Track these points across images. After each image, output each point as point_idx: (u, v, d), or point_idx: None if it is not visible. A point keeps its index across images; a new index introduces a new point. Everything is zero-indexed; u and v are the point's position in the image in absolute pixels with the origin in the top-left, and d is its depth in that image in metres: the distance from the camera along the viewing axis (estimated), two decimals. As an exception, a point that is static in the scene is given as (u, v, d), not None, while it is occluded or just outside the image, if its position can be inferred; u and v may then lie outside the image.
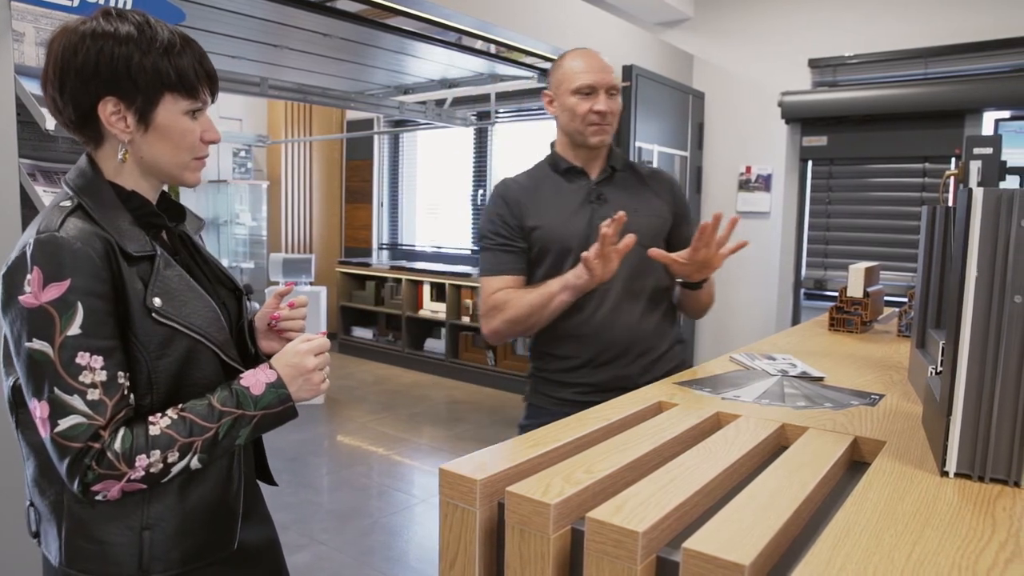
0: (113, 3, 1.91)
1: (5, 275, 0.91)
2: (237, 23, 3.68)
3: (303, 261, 5.45)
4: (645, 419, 1.08)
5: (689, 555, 0.63)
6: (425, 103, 5.66)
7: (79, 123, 0.97)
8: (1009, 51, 3.74)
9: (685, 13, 4.73)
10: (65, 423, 0.87)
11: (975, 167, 1.62)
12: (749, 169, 4.62)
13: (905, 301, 2.00)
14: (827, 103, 4.21)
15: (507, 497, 0.76)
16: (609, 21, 4.04)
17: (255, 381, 0.98)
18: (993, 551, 0.66)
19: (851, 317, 1.93)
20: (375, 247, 7.20)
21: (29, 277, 0.88)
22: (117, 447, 0.88)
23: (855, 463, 0.97)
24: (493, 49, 4.25)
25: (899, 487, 0.81)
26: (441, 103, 5.80)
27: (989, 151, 1.64)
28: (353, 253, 7.27)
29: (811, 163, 4.48)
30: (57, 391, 0.87)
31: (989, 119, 3.86)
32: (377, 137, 7.02)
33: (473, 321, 5.89)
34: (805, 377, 1.35)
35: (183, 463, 0.92)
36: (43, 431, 0.89)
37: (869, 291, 1.93)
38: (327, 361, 1.06)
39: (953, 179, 1.80)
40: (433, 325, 6.33)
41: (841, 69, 4.27)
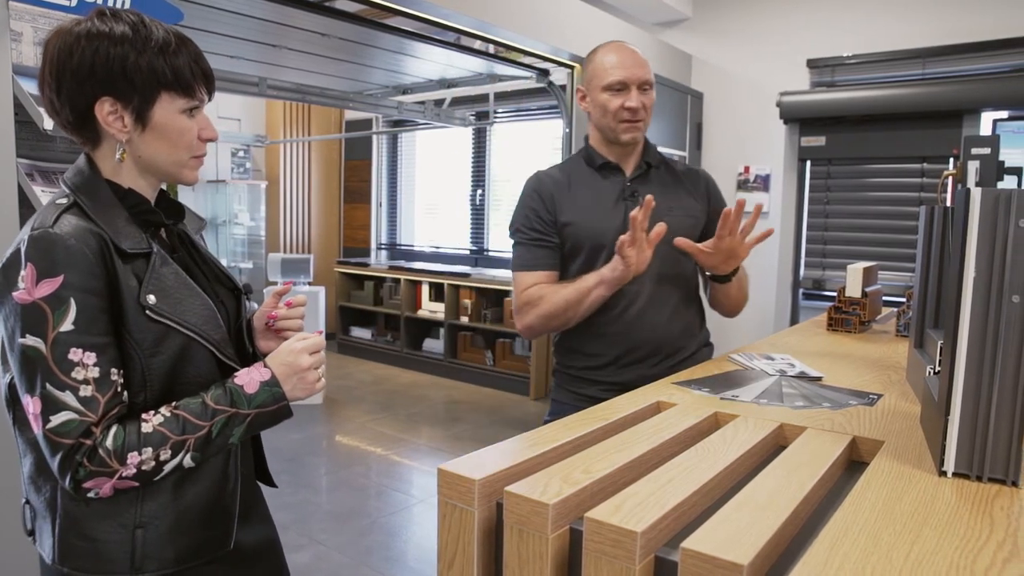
0: (111, 3, 1.91)
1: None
2: (236, 23, 3.68)
3: (301, 261, 5.45)
4: (643, 419, 1.08)
5: (687, 555, 0.63)
6: (424, 103, 5.67)
7: (76, 124, 0.97)
8: (1007, 51, 3.75)
9: (684, 13, 4.73)
10: (57, 419, 0.87)
11: (973, 167, 1.62)
12: (747, 169, 4.62)
13: (903, 301, 2.00)
14: (825, 103, 4.21)
15: (506, 497, 0.76)
16: (608, 21, 4.04)
17: (249, 380, 0.98)
18: (991, 551, 0.67)
19: (849, 317, 1.93)
20: (373, 247, 7.20)
21: (23, 273, 0.88)
22: (109, 444, 0.88)
23: (853, 463, 0.97)
24: (492, 49, 4.25)
25: (897, 487, 0.81)
26: (440, 103, 5.80)
27: (987, 151, 1.64)
28: (351, 253, 7.27)
29: (809, 163, 4.48)
30: (49, 387, 0.87)
31: (987, 119, 3.86)
32: (376, 137, 7.02)
33: (471, 321, 5.89)
34: (803, 377, 1.35)
35: (176, 461, 0.92)
36: (35, 427, 0.89)
37: (867, 291, 1.93)
38: (322, 360, 1.05)
39: (951, 179, 1.80)
40: (432, 325, 6.33)
41: (839, 69, 4.27)
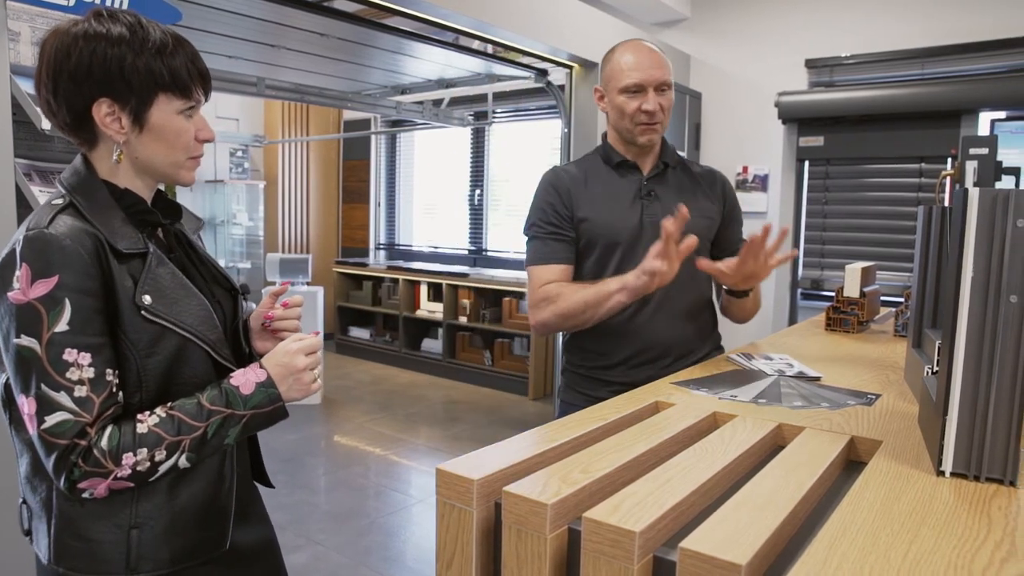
0: (109, 3, 1.91)
1: None
2: (234, 23, 3.67)
3: (300, 261, 5.45)
4: (642, 419, 1.08)
5: (686, 555, 0.63)
6: (422, 103, 5.67)
7: (73, 125, 0.97)
8: (1005, 51, 3.75)
9: (682, 13, 4.73)
10: (51, 419, 0.87)
11: (971, 167, 1.62)
12: (746, 169, 4.62)
13: (901, 301, 2.00)
14: (824, 103, 4.21)
15: (504, 497, 0.76)
16: (606, 21, 4.05)
17: (245, 380, 0.98)
18: (989, 550, 0.67)
19: (848, 317, 1.93)
20: (372, 247, 7.19)
21: (18, 274, 0.88)
22: (104, 444, 0.88)
23: (851, 463, 0.97)
24: (490, 49, 4.25)
25: (895, 487, 0.81)
26: (438, 103, 5.80)
27: (985, 151, 1.64)
28: (350, 253, 7.26)
29: (808, 163, 4.49)
30: (44, 387, 0.87)
31: (985, 119, 3.87)
32: (374, 137, 7.02)
33: (470, 321, 5.89)
34: (802, 377, 1.35)
35: (171, 462, 0.92)
36: (30, 427, 0.89)
37: (865, 291, 1.93)
38: (318, 361, 1.05)
39: (949, 179, 1.80)
40: (430, 325, 6.33)
41: (838, 69, 4.27)
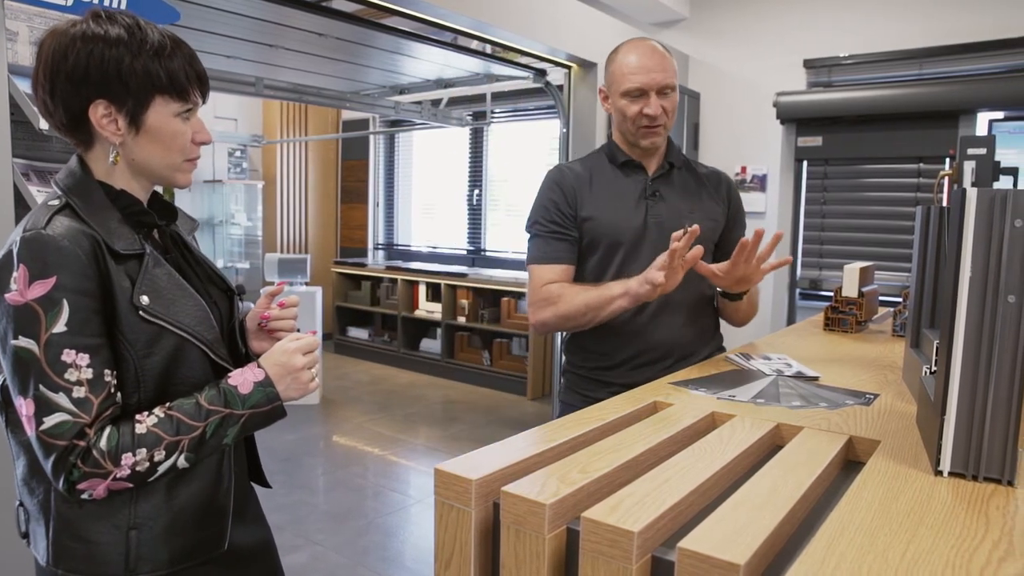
0: (107, 3, 1.90)
1: None
2: (232, 23, 3.67)
3: (298, 261, 5.44)
4: (640, 419, 1.08)
5: (684, 555, 0.63)
6: (421, 103, 5.67)
7: (70, 126, 0.97)
8: (1003, 52, 3.75)
9: (680, 13, 4.73)
10: (50, 421, 0.87)
11: (969, 167, 1.63)
12: (744, 169, 4.62)
13: (900, 301, 2.00)
14: (822, 103, 4.22)
15: (502, 497, 0.76)
16: (604, 21, 4.05)
17: (243, 380, 0.98)
18: (987, 550, 0.67)
19: (846, 317, 1.93)
20: (371, 247, 7.19)
21: (15, 275, 0.87)
22: (103, 445, 0.88)
23: (850, 462, 0.97)
24: (489, 49, 4.25)
25: (893, 486, 0.82)
26: (437, 103, 5.80)
27: (983, 151, 1.64)
28: (349, 253, 7.26)
29: (806, 163, 4.49)
30: (42, 388, 0.87)
31: (983, 120, 3.87)
32: (373, 137, 7.02)
33: (468, 321, 5.89)
34: (800, 377, 1.35)
35: (170, 462, 0.92)
36: (28, 429, 0.88)
37: (864, 291, 1.93)
38: (316, 360, 1.05)
39: (947, 179, 1.81)
40: (429, 325, 6.33)
41: (836, 70, 4.28)
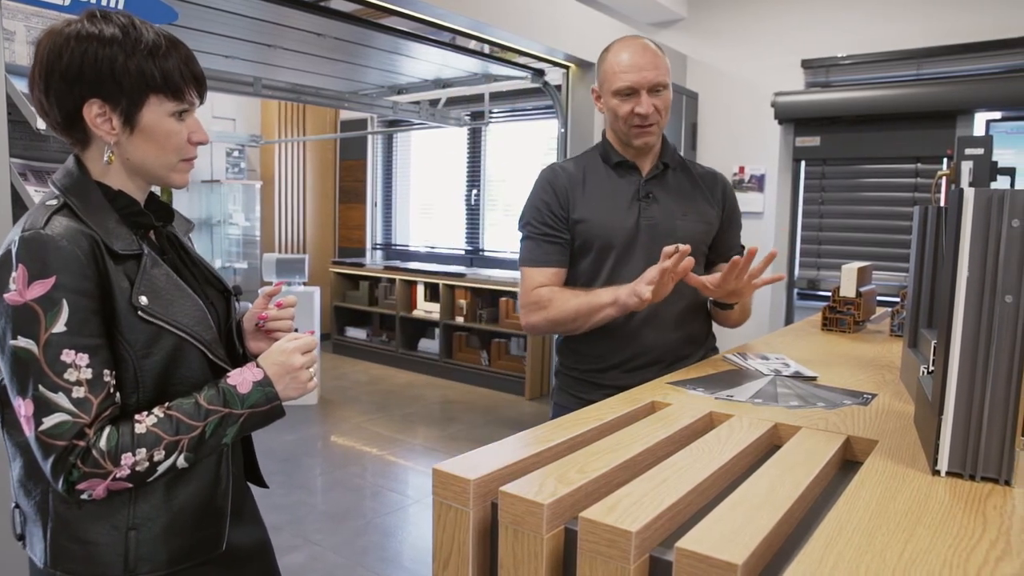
0: (104, 2, 1.90)
1: None
2: (231, 23, 3.67)
3: (297, 261, 5.44)
4: (638, 419, 1.08)
5: (682, 554, 0.63)
6: (419, 103, 5.67)
7: (65, 125, 0.97)
8: (1001, 52, 3.76)
9: (678, 14, 4.74)
10: (50, 421, 0.87)
11: (966, 167, 1.63)
12: (742, 169, 4.63)
13: (897, 301, 2.01)
14: (820, 104, 4.22)
15: (500, 497, 0.76)
16: (603, 21, 4.05)
17: (242, 380, 0.98)
18: (984, 549, 0.67)
19: (844, 317, 1.93)
20: (369, 247, 7.19)
21: (14, 275, 0.87)
22: (102, 445, 0.88)
23: (848, 462, 0.97)
24: (487, 49, 4.26)
25: (891, 486, 0.82)
26: (435, 103, 5.80)
27: (980, 152, 1.65)
28: (347, 253, 7.25)
29: (804, 163, 4.49)
30: (42, 389, 0.87)
31: (980, 120, 3.88)
32: (371, 137, 7.01)
33: (467, 321, 5.89)
34: (798, 377, 1.35)
35: (169, 462, 0.92)
36: (27, 429, 0.88)
37: (862, 291, 1.94)
38: (314, 360, 1.05)
39: (945, 179, 1.81)
40: (427, 325, 6.32)
41: (834, 70, 4.28)
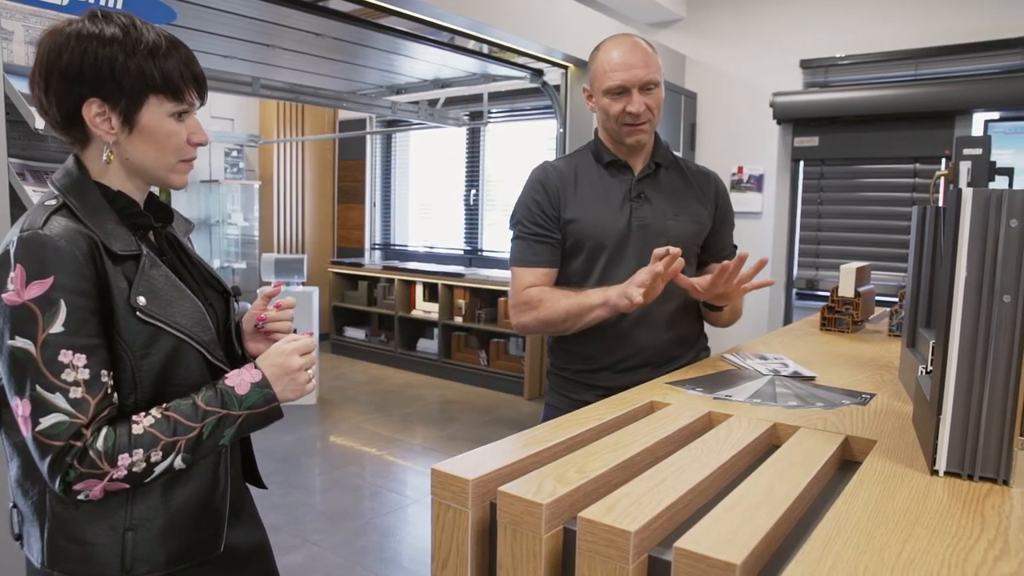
0: (103, 2, 1.90)
1: None
2: (229, 23, 3.67)
3: (295, 261, 5.43)
4: (637, 419, 1.08)
5: (681, 554, 0.63)
6: (418, 103, 5.66)
7: (64, 124, 0.97)
8: (999, 52, 3.77)
9: (677, 14, 4.74)
10: (47, 421, 0.87)
11: (965, 167, 1.63)
12: (741, 169, 4.63)
13: (896, 301, 2.01)
14: (818, 104, 4.22)
15: (499, 497, 0.76)
16: (601, 21, 4.05)
17: (240, 381, 0.98)
18: (982, 549, 0.67)
19: (842, 317, 1.93)
20: (368, 247, 7.19)
21: (12, 275, 0.87)
22: (99, 446, 0.88)
23: (846, 462, 0.97)
24: (486, 49, 4.26)
25: (890, 486, 0.82)
26: (434, 103, 5.80)
27: (978, 152, 1.65)
28: (345, 253, 7.25)
29: (802, 163, 4.50)
30: (39, 389, 0.87)
31: (979, 120, 3.88)
32: (369, 137, 7.01)
33: (465, 321, 5.88)
34: (796, 377, 1.35)
35: (166, 463, 0.92)
36: (25, 429, 0.88)
37: (860, 291, 1.94)
38: (313, 361, 1.05)
39: (943, 179, 1.81)
40: (426, 325, 6.32)
41: (832, 70, 4.29)
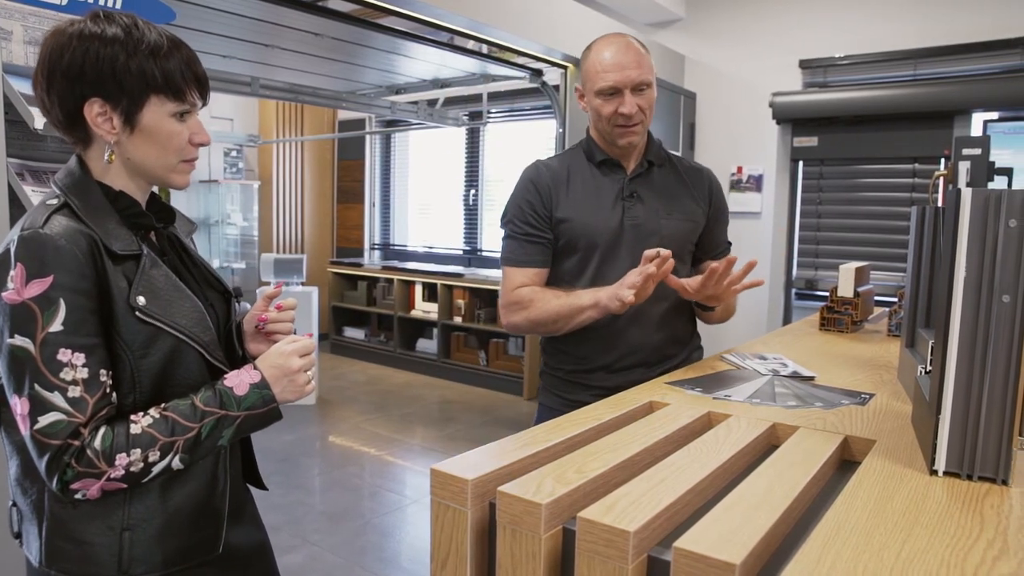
0: (103, 2, 1.90)
1: None
2: (229, 22, 3.67)
3: (295, 261, 5.43)
4: (636, 419, 1.08)
5: (680, 554, 0.63)
6: (417, 103, 5.66)
7: (67, 123, 0.97)
8: (998, 53, 3.77)
9: (677, 14, 4.74)
10: (45, 420, 0.87)
11: (964, 168, 1.63)
12: (740, 169, 4.63)
13: (895, 301, 2.01)
14: (818, 104, 4.23)
15: (498, 497, 0.76)
16: (601, 21, 4.05)
17: (239, 381, 0.98)
18: (981, 549, 0.67)
19: (841, 317, 1.93)
20: (367, 247, 7.19)
21: (12, 273, 0.87)
22: (97, 445, 0.88)
23: (845, 462, 0.98)
24: (485, 49, 4.25)
25: (889, 486, 0.82)
26: (433, 103, 5.79)
27: (977, 152, 1.65)
28: (345, 253, 7.25)
29: (802, 163, 4.50)
30: (38, 387, 0.87)
31: (978, 120, 3.88)
32: (369, 137, 7.01)
33: (465, 321, 5.88)
34: (796, 377, 1.35)
35: (164, 463, 0.92)
36: (23, 428, 0.88)
37: (859, 291, 1.94)
38: (312, 362, 1.05)
39: (942, 179, 1.81)
40: (425, 325, 6.32)
41: (832, 70, 4.29)
